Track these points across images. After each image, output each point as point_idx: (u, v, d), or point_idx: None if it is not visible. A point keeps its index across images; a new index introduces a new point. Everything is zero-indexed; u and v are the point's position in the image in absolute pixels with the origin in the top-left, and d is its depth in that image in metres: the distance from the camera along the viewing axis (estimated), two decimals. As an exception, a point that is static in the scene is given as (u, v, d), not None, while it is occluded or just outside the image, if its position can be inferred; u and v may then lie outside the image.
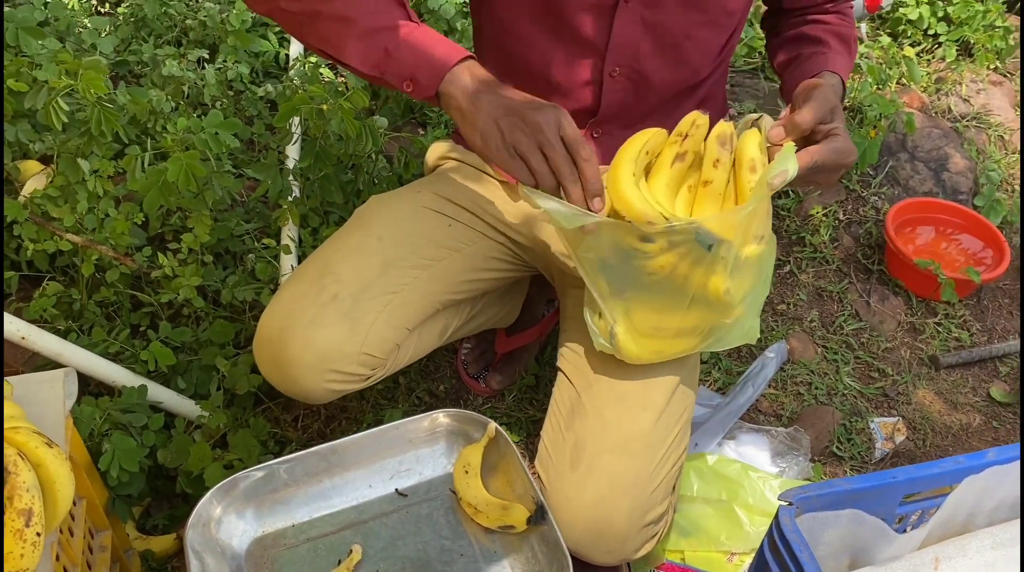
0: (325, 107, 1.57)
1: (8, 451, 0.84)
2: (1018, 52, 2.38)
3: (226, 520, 1.06)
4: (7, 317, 1.28)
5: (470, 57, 1.00)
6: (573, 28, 1.13)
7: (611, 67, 1.16)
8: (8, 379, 1.00)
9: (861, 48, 2.43)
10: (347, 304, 1.13)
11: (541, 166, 0.93)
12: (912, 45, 2.44)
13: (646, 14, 1.11)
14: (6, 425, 0.89)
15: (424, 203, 1.28)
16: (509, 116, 0.95)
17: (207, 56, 2.19)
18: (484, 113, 0.96)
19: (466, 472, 1.11)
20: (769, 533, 0.98)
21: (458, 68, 0.99)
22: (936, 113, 2.28)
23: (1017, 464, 1.03)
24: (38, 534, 0.83)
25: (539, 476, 1.14)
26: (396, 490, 1.13)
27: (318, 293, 1.13)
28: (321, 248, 1.22)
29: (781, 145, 0.97)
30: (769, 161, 0.97)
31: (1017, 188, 2.14)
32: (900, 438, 1.58)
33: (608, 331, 1.05)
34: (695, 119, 0.99)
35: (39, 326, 1.35)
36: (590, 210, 0.93)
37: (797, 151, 0.95)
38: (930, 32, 2.44)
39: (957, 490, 1.01)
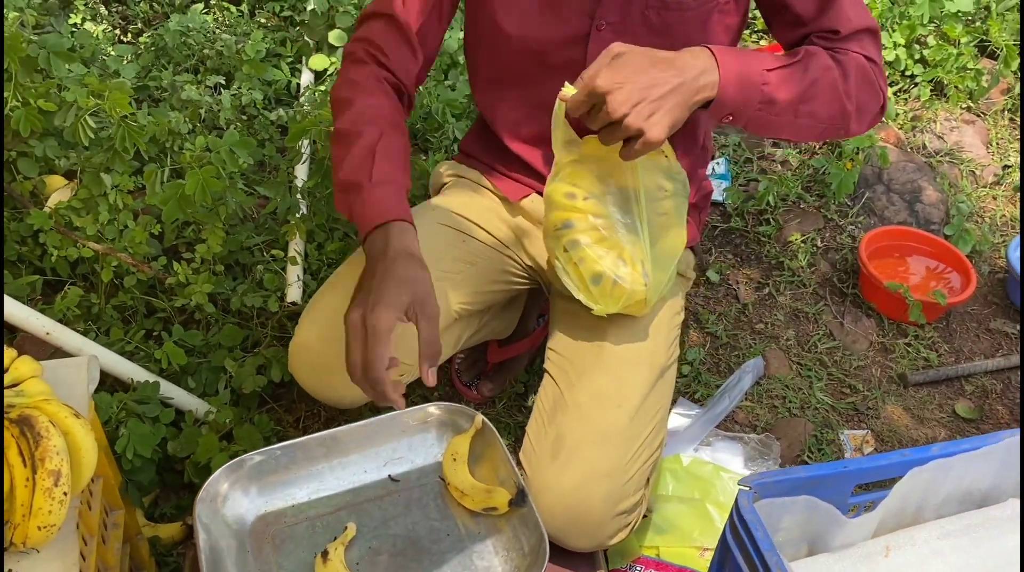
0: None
1: (41, 418, 0.93)
2: (991, 94, 2.51)
3: (232, 497, 1.15)
4: (34, 314, 1.39)
5: (399, 220, 1.12)
6: (552, 59, 1.24)
7: None
8: (40, 362, 1.09)
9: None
10: None
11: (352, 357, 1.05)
12: (890, 85, 2.57)
13: (616, 41, 1.22)
14: (39, 398, 0.99)
15: (439, 220, 1.38)
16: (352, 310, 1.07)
17: (223, 82, 2.32)
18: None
19: (454, 459, 1.21)
20: (730, 518, 1.06)
21: (377, 231, 1.11)
22: (911, 148, 2.40)
23: (958, 459, 1.12)
24: (65, 494, 0.92)
25: (523, 466, 1.24)
26: (389, 476, 1.23)
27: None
28: (347, 263, 1.32)
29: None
30: None
31: (987, 219, 2.25)
32: (868, 449, 1.67)
33: (641, 271, 1.18)
34: None
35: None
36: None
37: None
38: (907, 73, 2.58)
39: (903, 480, 1.09)
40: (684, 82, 1.04)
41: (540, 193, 1.42)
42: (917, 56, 2.55)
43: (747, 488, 1.05)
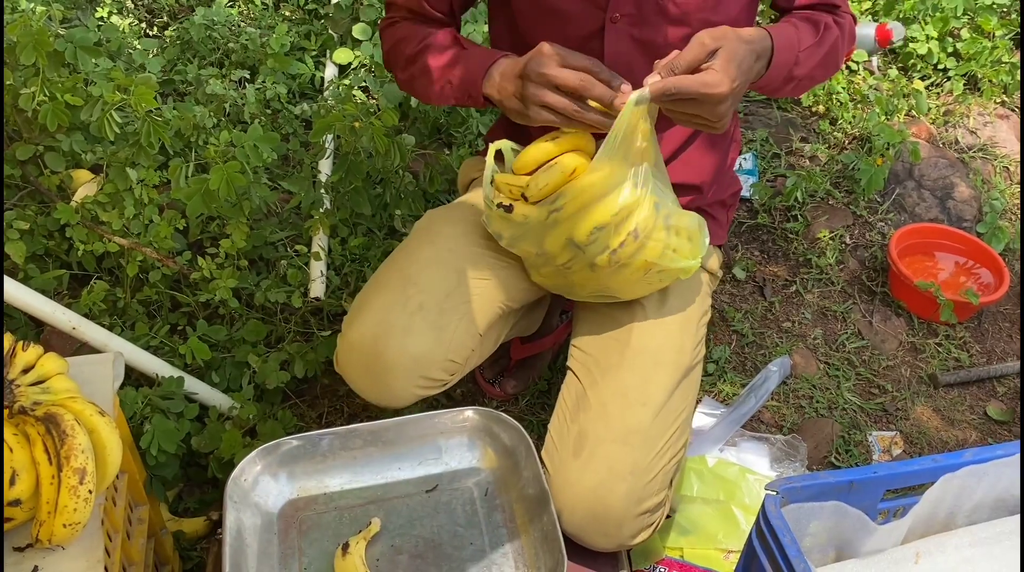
0: (357, 124, 1.68)
1: (67, 416, 0.94)
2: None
3: (263, 480, 1.16)
4: (60, 309, 1.39)
5: (501, 57, 1.16)
6: None
7: None
8: (66, 359, 1.10)
9: (871, 80, 2.52)
10: (433, 313, 1.22)
11: (558, 104, 1.07)
12: (922, 79, 2.53)
13: (634, 32, 1.19)
14: (65, 395, 0.99)
15: (473, 218, 1.37)
16: (515, 87, 1.11)
17: (248, 76, 2.32)
18: (507, 93, 1.13)
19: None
20: (756, 522, 1.05)
21: (487, 74, 1.16)
22: (943, 144, 2.35)
23: (992, 465, 1.10)
24: (90, 492, 0.92)
25: (545, 464, 1.23)
26: (421, 476, 1.22)
27: (405, 303, 1.22)
28: (393, 260, 1.31)
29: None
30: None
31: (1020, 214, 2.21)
32: (897, 451, 1.64)
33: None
34: None
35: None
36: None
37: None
38: (939, 67, 2.53)
39: (934, 486, 1.07)
40: (751, 79, 1.08)
41: None
42: (950, 49, 2.51)
43: (774, 492, 1.03)
